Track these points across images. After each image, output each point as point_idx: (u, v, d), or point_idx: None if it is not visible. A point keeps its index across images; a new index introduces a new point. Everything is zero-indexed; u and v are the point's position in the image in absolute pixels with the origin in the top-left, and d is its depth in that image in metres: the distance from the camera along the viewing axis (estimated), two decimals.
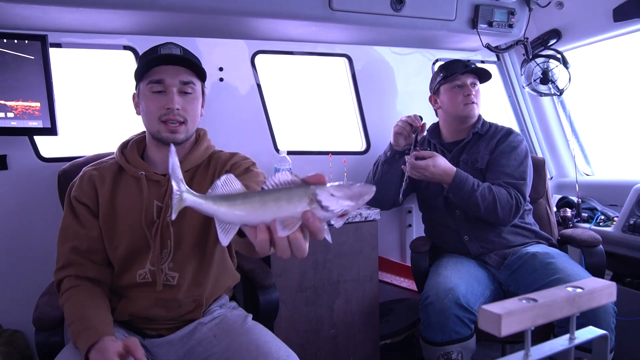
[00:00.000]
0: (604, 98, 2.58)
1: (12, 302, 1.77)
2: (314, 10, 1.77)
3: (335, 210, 0.57)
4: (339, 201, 0.57)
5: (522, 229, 1.82)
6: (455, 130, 1.95)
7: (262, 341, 1.13)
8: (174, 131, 1.18)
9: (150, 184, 1.21)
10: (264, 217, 0.59)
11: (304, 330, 1.83)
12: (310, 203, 0.57)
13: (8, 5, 1.47)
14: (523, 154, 1.81)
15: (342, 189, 0.57)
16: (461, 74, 1.88)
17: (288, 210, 0.58)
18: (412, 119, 1.88)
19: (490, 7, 2.03)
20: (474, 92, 1.88)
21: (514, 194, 1.72)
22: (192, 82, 1.20)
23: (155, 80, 1.17)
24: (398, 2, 1.86)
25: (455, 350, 1.52)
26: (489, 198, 1.69)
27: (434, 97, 2.00)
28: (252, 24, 1.84)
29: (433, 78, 2.01)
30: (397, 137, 1.90)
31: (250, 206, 0.59)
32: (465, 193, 1.70)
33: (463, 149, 1.90)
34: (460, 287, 1.56)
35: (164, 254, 1.19)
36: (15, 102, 1.66)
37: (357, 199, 0.58)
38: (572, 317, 0.57)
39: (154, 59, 1.18)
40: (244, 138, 2.14)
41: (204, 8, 1.64)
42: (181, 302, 1.20)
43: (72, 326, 1.08)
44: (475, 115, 1.90)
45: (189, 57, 1.22)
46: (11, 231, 1.80)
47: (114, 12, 1.60)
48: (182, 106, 1.18)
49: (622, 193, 2.05)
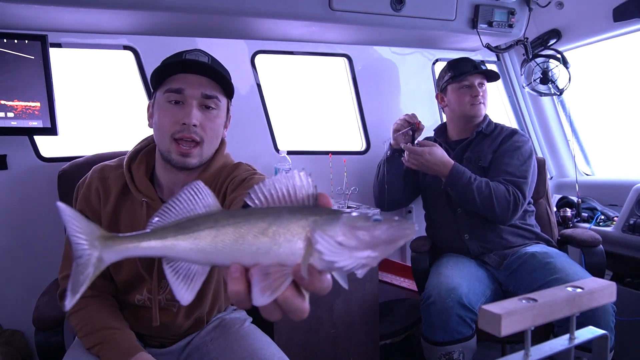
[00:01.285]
0: (604, 98, 2.58)
1: (12, 302, 1.77)
2: (314, 10, 1.77)
3: (344, 265, 0.38)
4: (352, 253, 0.38)
5: (523, 230, 1.82)
6: (461, 128, 1.96)
7: (257, 347, 1.11)
8: (185, 154, 1.01)
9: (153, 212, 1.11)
10: (240, 259, 0.40)
11: (304, 331, 1.83)
12: (307, 246, 0.39)
13: (8, 5, 1.47)
14: (527, 154, 1.81)
15: (358, 232, 0.38)
16: (470, 74, 1.89)
17: (274, 255, 0.39)
18: (409, 116, 1.93)
19: (490, 7, 2.03)
20: (481, 93, 1.89)
21: (512, 191, 1.72)
22: (217, 97, 1.04)
23: (173, 89, 1.01)
24: (398, 2, 1.86)
25: (457, 350, 1.52)
26: (485, 192, 1.70)
27: (440, 95, 2.01)
28: (252, 24, 1.84)
29: (440, 76, 2.01)
30: (396, 134, 1.94)
31: (218, 240, 0.40)
32: (461, 186, 1.71)
33: (467, 147, 1.92)
34: (462, 286, 1.56)
35: (163, 284, 1.11)
36: (15, 102, 1.66)
37: (385, 246, 0.38)
38: (572, 317, 0.57)
39: (174, 63, 1.01)
40: (244, 138, 2.14)
41: (204, 8, 1.64)
42: (182, 324, 1.17)
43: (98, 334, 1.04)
44: (482, 115, 1.92)
45: (217, 67, 1.05)
46: (11, 231, 1.79)
47: (114, 12, 1.60)
48: (200, 123, 1.02)
49: (622, 193, 2.05)
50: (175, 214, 0.44)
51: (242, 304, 0.41)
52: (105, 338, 1.04)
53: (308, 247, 0.38)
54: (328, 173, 2.03)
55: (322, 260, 0.38)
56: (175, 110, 1.01)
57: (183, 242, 0.41)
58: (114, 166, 1.14)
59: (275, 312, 0.41)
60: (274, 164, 2.04)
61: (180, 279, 0.41)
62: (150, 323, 1.12)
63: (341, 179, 2.00)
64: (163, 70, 1.02)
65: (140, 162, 1.11)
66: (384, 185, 1.98)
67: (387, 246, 0.38)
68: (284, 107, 2.35)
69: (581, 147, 2.53)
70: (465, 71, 1.90)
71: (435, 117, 2.53)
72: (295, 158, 2.12)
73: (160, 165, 1.10)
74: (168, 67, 1.02)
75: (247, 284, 0.40)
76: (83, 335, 1.06)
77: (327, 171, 2.04)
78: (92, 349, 1.04)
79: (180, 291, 0.41)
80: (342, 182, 1.98)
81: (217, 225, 0.40)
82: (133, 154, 1.13)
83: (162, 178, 1.10)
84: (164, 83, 1.03)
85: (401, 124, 1.93)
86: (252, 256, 0.39)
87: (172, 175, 1.08)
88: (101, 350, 1.03)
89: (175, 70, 1.02)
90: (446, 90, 1.96)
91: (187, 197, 0.43)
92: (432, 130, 2.11)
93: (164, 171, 1.09)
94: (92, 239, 0.43)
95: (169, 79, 1.03)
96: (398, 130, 1.94)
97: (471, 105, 1.89)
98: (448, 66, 1.97)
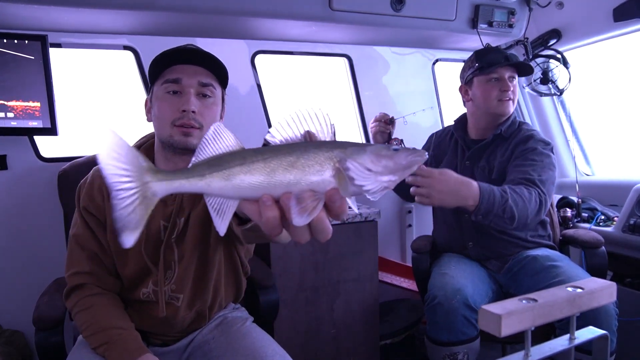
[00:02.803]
0: (604, 98, 2.58)
1: (12, 302, 1.77)
2: (314, 10, 1.77)
3: (371, 189, 0.44)
4: (378, 177, 0.44)
5: (529, 243, 1.73)
6: (483, 126, 1.78)
7: (259, 345, 1.12)
8: (187, 134, 1.05)
9: (163, 202, 1.11)
10: (272, 191, 0.45)
11: (304, 331, 1.83)
12: (337, 174, 0.44)
13: (8, 5, 1.47)
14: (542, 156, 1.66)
15: (383, 159, 0.44)
16: (500, 67, 1.69)
17: (306, 183, 0.44)
18: (380, 116, 1.90)
19: (490, 7, 2.03)
20: (512, 88, 1.70)
21: (534, 193, 1.54)
22: (212, 84, 1.09)
23: (171, 80, 1.05)
24: (398, 2, 1.86)
25: (461, 351, 1.51)
26: (520, 204, 1.47)
27: (465, 87, 1.81)
28: (252, 24, 1.84)
29: (466, 66, 1.80)
30: (376, 136, 1.93)
31: (250, 176, 0.44)
32: (498, 207, 1.45)
33: (483, 151, 1.75)
34: (467, 287, 1.54)
35: (168, 275, 1.13)
36: (15, 102, 1.66)
37: (402, 171, 0.44)
38: (572, 317, 0.57)
39: (169, 54, 1.06)
40: (243, 138, 2.11)
41: (204, 8, 1.64)
42: (185, 317, 1.17)
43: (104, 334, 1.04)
44: (510, 112, 1.72)
45: (212, 56, 1.10)
46: (11, 231, 1.79)
47: (114, 12, 1.60)
48: (199, 110, 1.06)
49: (622, 193, 2.05)
50: (207, 156, 0.48)
51: (275, 230, 0.45)
52: (112, 338, 1.04)
53: (340, 174, 0.43)
54: None
55: (353, 185, 0.44)
56: (174, 100, 1.05)
57: (218, 179, 0.45)
58: None
59: (306, 234, 0.46)
60: None
61: (215, 211, 0.46)
62: (154, 319, 1.13)
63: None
64: (161, 62, 1.06)
65: None
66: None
67: (405, 171, 0.44)
68: (284, 107, 2.35)
69: (581, 147, 2.53)
70: (495, 62, 1.69)
71: (435, 117, 2.53)
72: None
73: (161, 157, 1.12)
74: (166, 57, 1.06)
75: (279, 210, 0.45)
76: (88, 335, 1.06)
77: None
78: (98, 349, 1.04)
79: (217, 221, 0.46)
80: None
81: (245, 162, 0.45)
82: None
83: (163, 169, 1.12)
84: (161, 75, 1.07)
85: (376, 124, 1.91)
86: (284, 187, 0.44)
87: (172, 165, 1.11)
88: (107, 350, 1.03)
89: (172, 62, 1.06)
90: (472, 83, 1.75)
91: (214, 137, 0.48)
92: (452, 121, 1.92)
93: (165, 162, 1.12)
94: (140, 171, 0.44)
95: (166, 70, 1.07)
96: (377, 131, 1.91)
97: (499, 101, 1.69)
98: (475, 56, 1.76)
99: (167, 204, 1.12)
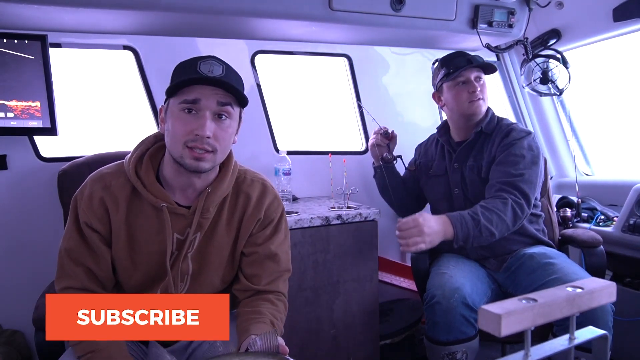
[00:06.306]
0: (604, 98, 2.58)
1: (12, 302, 1.77)
2: (314, 10, 1.77)
3: None
4: None
5: (527, 237, 1.75)
6: (462, 128, 1.85)
7: None
8: (199, 158, 1.03)
9: (172, 216, 1.09)
10: None
11: (304, 331, 1.83)
12: None
13: (8, 5, 1.47)
14: (522, 149, 1.68)
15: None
16: (464, 69, 1.77)
17: None
18: (379, 129, 1.99)
19: (490, 7, 2.03)
20: (479, 88, 1.77)
21: (509, 199, 1.59)
22: (231, 104, 1.06)
23: (190, 101, 1.02)
24: (398, 2, 1.86)
25: (460, 351, 1.52)
26: (493, 218, 1.55)
27: (437, 94, 1.91)
28: (252, 24, 1.84)
29: (435, 74, 1.90)
30: (373, 149, 2.02)
31: None
32: (473, 230, 1.54)
33: (469, 151, 1.80)
34: (465, 286, 1.55)
35: (180, 287, 1.14)
36: (15, 102, 1.66)
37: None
38: (571, 317, 0.57)
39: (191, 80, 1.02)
40: (243, 138, 2.11)
41: (204, 8, 1.64)
42: None
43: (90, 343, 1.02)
44: (482, 112, 1.79)
45: (231, 81, 1.05)
46: (11, 231, 1.79)
47: (114, 12, 1.59)
48: (214, 134, 1.03)
49: (622, 193, 2.05)
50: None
51: None
52: (97, 346, 1.02)
53: None
54: (328, 173, 2.03)
55: None
56: (190, 120, 1.03)
57: None
58: (113, 173, 1.12)
59: None
60: (274, 164, 2.04)
61: None
62: None
63: (341, 179, 2.00)
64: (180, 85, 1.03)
65: (147, 167, 1.10)
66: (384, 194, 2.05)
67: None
68: (284, 107, 2.35)
69: (581, 147, 2.53)
70: (460, 66, 1.77)
71: (435, 117, 2.53)
72: (295, 158, 2.12)
73: (171, 169, 1.10)
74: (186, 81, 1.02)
75: None
76: (75, 344, 1.04)
77: (327, 171, 2.04)
78: (82, 358, 1.03)
79: None
80: (342, 182, 1.98)
81: None
82: (137, 160, 1.11)
83: (174, 181, 1.11)
84: (180, 92, 1.04)
85: (375, 137, 2.00)
86: None
87: (184, 179, 1.09)
88: (92, 359, 1.02)
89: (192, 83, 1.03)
90: (442, 89, 1.85)
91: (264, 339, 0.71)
92: (435, 128, 2.00)
93: (176, 174, 1.09)
94: None
95: (185, 88, 1.03)
96: (374, 144, 2.00)
97: (470, 103, 1.76)
98: (441, 63, 1.85)
99: (185, 217, 1.10)
